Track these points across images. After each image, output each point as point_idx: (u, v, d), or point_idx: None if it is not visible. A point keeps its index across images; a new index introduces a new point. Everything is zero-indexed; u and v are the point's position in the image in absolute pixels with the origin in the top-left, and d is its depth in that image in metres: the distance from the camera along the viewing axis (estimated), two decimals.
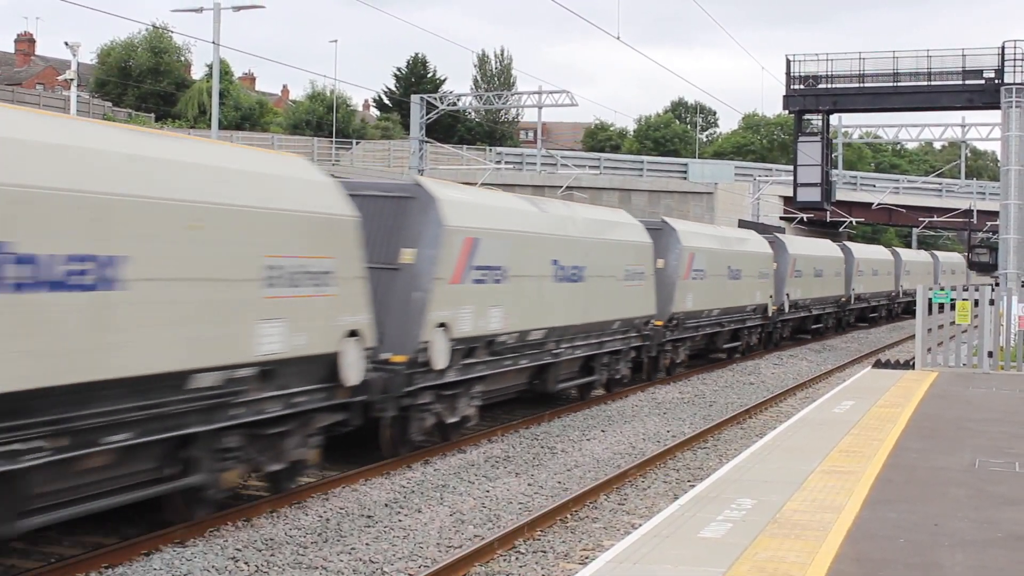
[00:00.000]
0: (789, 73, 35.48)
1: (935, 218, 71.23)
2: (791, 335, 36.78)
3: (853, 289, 43.82)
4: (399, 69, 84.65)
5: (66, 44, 38.39)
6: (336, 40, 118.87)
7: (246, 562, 9.82)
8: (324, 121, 71.89)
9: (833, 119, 49.70)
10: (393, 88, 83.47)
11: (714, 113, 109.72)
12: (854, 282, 43.87)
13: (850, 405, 17.01)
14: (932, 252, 69.75)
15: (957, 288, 23.79)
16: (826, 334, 40.33)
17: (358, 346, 12.37)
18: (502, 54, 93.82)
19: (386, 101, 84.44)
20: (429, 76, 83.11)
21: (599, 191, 55.99)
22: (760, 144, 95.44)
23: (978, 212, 67.36)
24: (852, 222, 68.89)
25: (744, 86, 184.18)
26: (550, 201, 20.87)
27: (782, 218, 65.05)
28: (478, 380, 15.89)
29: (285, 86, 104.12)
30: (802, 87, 35.23)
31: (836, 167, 65.23)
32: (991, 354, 22.73)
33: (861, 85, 34.96)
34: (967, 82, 33.70)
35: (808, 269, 37.29)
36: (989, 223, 62.77)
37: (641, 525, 10.01)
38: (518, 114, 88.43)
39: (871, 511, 9.72)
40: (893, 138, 58.71)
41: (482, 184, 49.43)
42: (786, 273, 34.47)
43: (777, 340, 34.44)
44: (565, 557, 10.52)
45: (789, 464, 11.97)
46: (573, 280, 18.88)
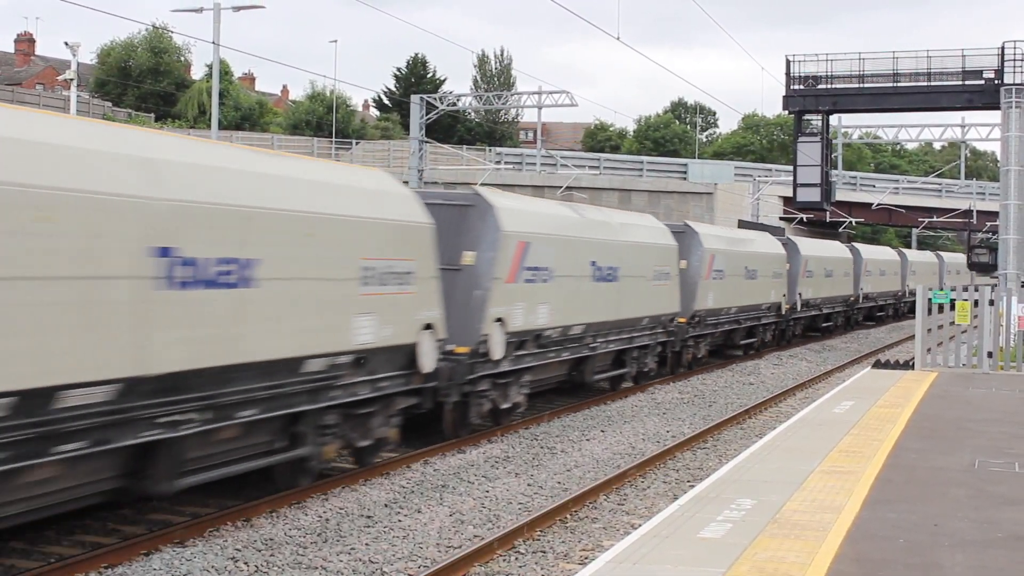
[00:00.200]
0: (789, 73, 35.48)
1: (935, 218, 71.22)
2: (803, 333, 38.16)
3: (861, 289, 45.08)
4: (399, 69, 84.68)
5: (66, 44, 38.39)
6: (336, 40, 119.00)
7: (246, 562, 9.82)
8: (324, 121, 71.89)
9: (833, 119, 49.68)
10: (393, 88, 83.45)
11: (714, 113, 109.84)
12: (862, 282, 45.09)
13: (850, 405, 17.01)
14: (938, 253, 70.42)
15: (957, 288, 23.80)
16: (834, 332, 41.58)
17: (432, 338, 14.12)
18: (502, 54, 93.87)
19: (386, 101, 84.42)
20: (429, 76, 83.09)
21: (599, 191, 55.97)
22: (760, 144, 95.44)
23: (978, 212, 67.36)
24: (852, 222, 68.90)
25: (744, 86, 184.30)
26: (588, 207, 22.63)
27: (782, 218, 65.03)
28: (527, 370, 17.49)
29: (285, 86, 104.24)
30: (802, 87, 35.22)
31: (836, 167, 65.24)
32: (991, 354, 22.74)
33: (861, 85, 34.95)
34: (967, 83, 33.70)
35: (819, 269, 38.63)
36: (989, 223, 62.75)
37: (641, 525, 10.01)
38: (518, 114, 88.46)
39: (871, 511, 9.72)
40: (893, 138, 58.73)
41: (481, 184, 49.46)
42: (798, 273, 35.83)
43: (790, 337, 35.83)
44: (565, 557, 10.52)
45: (789, 464, 11.97)
46: (608, 280, 20.50)
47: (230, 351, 10.43)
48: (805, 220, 65.00)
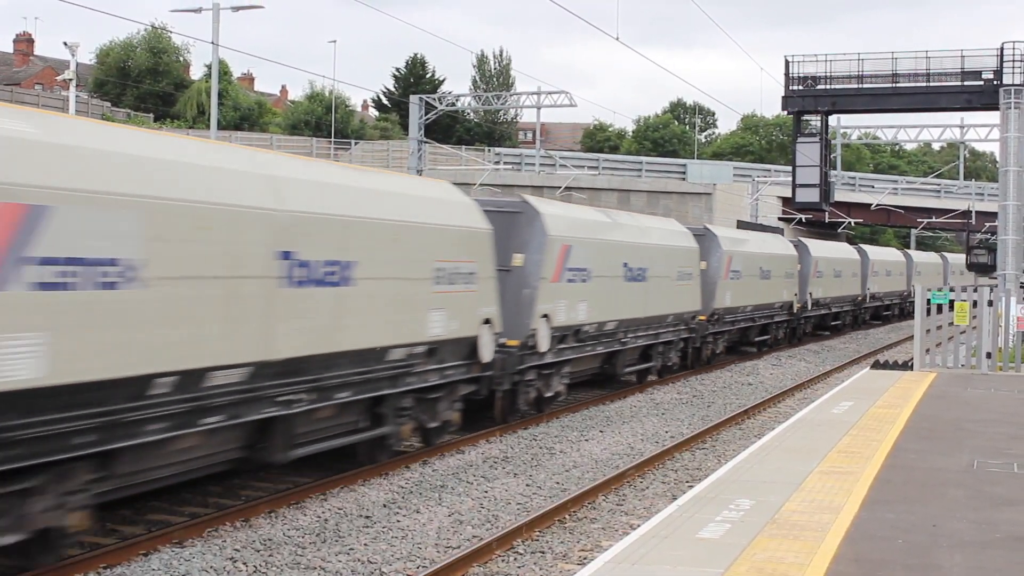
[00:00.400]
0: (788, 74, 35.43)
1: (934, 219, 71.22)
2: (813, 331, 39.87)
3: (868, 288, 46.68)
4: (398, 69, 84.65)
5: (65, 44, 38.41)
6: (335, 40, 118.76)
7: (244, 562, 9.82)
8: (323, 121, 71.87)
9: (832, 120, 49.71)
10: (392, 88, 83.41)
11: (713, 114, 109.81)
12: (869, 282, 46.71)
13: (848, 406, 17.01)
14: (942, 254, 71.05)
15: (956, 289, 23.81)
16: (842, 330, 43.29)
17: (490, 331, 15.81)
18: (501, 55, 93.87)
19: (385, 101, 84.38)
20: (428, 76, 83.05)
21: (598, 191, 55.93)
22: (759, 145, 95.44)
23: (976, 213, 67.31)
24: (850, 223, 68.91)
25: (743, 87, 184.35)
26: (619, 212, 25.03)
27: (781, 219, 65.00)
28: (567, 362, 19.11)
29: (284, 86, 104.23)
30: (801, 88, 35.18)
31: (835, 168, 65.26)
32: (990, 355, 22.74)
33: (860, 86, 34.90)
34: (966, 83, 33.65)
35: (828, 270, 40.28)
36: (988, 224, 62.74)
37: (640, 526, 10.01)
38: (517, 115, 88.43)
39: (869, 512, 9.72)
40: (892, 139, 58.70)
41: (481, 184, 49.46)
42: (809, 274, 37.46)
43: (800, 335, 37.45)
44: (564, 558, 10.52)
45: (787, 465, 11.97)
46: (638, 280, 22.15)
47: (332, 341, 12.12)
48: (804, 220, 65.00)
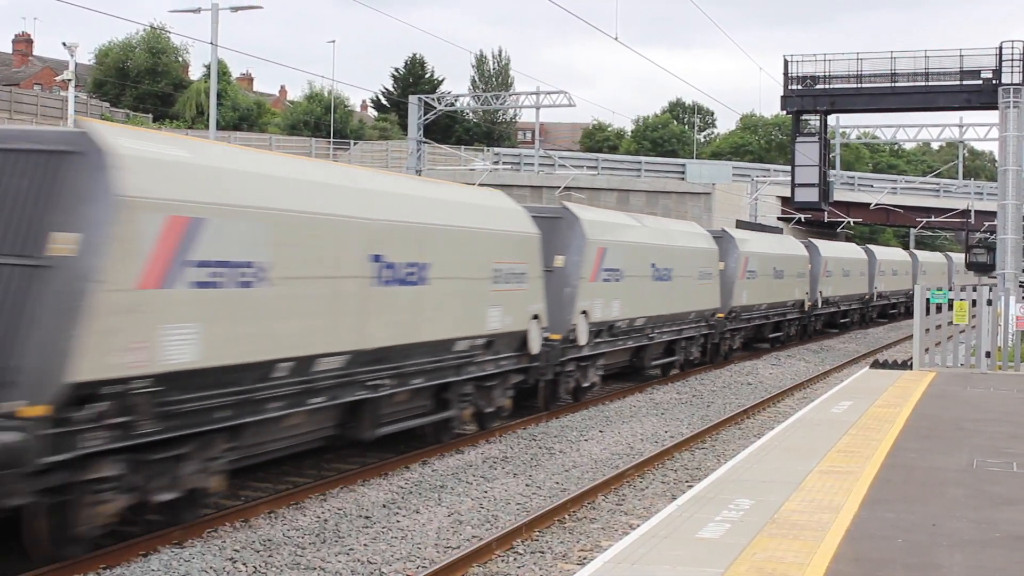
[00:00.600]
0: (787, 74, 35.42)
1: (933, 218, 71.23)
2: (823, 328, 41.29)
3: (876, 287, 48.38)
4: (397, 70, 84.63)
5: (64, 44, 38.38)
6: (334, 41, 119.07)
7: (244, 563, 9.81)
8: (322, 122, 71.86)
9: (831, 119, 49.69)
10: (391, 89, 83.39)
11: (712, 114, 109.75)
12: (876, 281, 48.40)
13: (848, 405, 17.02)
14: (947, 254, 71.56)
15: (955, 288, 23.81)
16: (851, 327, 44.75)
17: (538, 326, 17.50)
18: (500, 55, 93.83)
19: (384, 102, 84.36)
20: (427, 77, 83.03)
21: (597, 191, 55.93)
22: (758, 144, 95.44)
23: (976, 212, 67.30)
24: (850, 222, 68.91)
25: (742, 87, 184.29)
26: (647, 217, 26.67)
27: (780, 218, 65.02)
28: (602, 355, 20.83)
29: (283, 86, 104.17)
30: (800, 87, 35.18)
31: (834, 167, 65.30)
32: (989, 354, 22.75)
33: (859, 85, 34.91)
34: (965, 82, 33.65)
35: (837, 270, 41.82)
36: (987, 223, 62.74)
37: (639, 526, 10.02)
38: (516, 115, 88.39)
39: (869, 511, 9.73)
40: (891, 138, 58.75)
41: (480, 184, 49.41)
42: (819, 273, 38.93)
43: (811, 332, 39.08)
44: (563, 558, 10.52)
45: (787, 464, 11.98)
46: (664, 279, 23.86)
47: (411, 332, 13.79)
48: (803, 220, 65.01)
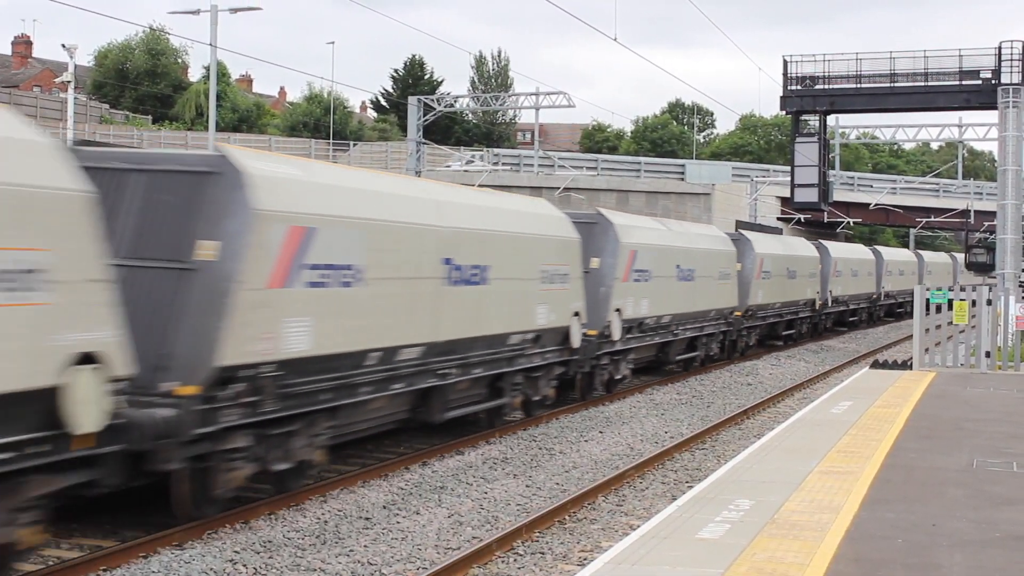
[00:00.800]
0: (786, 74, 35.43)
1: (932, 218, 71.21)
2: (832, 326, 42.93)
3: (883, 287, 49.98)
4: (396, 71, 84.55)
5: (63, 46, 38.37)
6: (333, 42, 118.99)
7: (244, 564, 9.81)
8: (321, 123, 71.85)
9: (830, 120, 49.68)
10: (390, 90, 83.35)
11: (711, 114, 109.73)
12: (884, 281, 50.00)
13: (848, 405, 17.02)
14: (951, 254, 71.84)
15: (955, 288, 23.81)
16: (859, 326, 46.57)
17: (578, 322, 19.06)
18: (499, 55, 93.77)
19: (383, 103, 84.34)
20: (426, 78, 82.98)
21: (596, 192, 55.90)
22: (757, 145, 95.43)
23: (975, 212, 67.27)
24: (849, 222, 68.89)
25: (741, 87, 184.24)
26: (672, 221, 29.06)
27: (779, 219, 64.99)
28: (632, 350, 22.52)
29: (282, 88, 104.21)
30: (799, 88, 35.19)
31: (833, 168, 65.29)
32: (989, 354, 22.74)
33: (858, 86, 34.92)
34: (964, 82, 33.66)
35: (846, 270, 43.35)
36: (986, 223, 62.73)
37: (639, 526, 10.02)
38: (515, 115, 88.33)
39: (869, 511, 9.73)
40: (890, 138, 58.76)
41: (479, 185, 49.41)
42: (829, 273, 40.33)
43: (822, 330, 40.58)
44: (563, 558, 10.52)
45: (787, 465, 11.98)
46: (688, 279, 25.54)
47: (474, 327, 15.45)
48: (803, 220, 64.99)
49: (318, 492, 12.55)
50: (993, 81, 32.55)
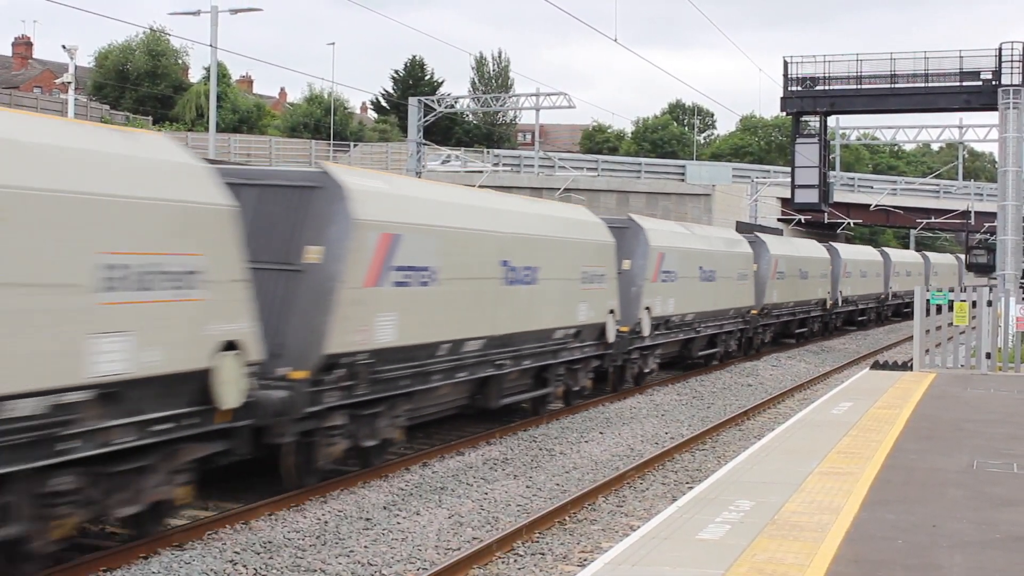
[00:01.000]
0: (786, 75, 35.43)
1: (933, 219, 71.28)
2: (842, 325, 44.24)
3: (890, 287, 51.32)
4: (396, 72, 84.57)
5: (63, 47, 38.35)
6: (333, 43, 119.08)
7: (244, 565, 9.81)
8: (322, 124, 71.85)
9: (831, 120, 49.66)
10: (391, 91, 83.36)
11: (712, 115, 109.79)
12: (891, 281, 51.41)
13: (848, 406, 17.02)
14: (957, 256, 71.81)
15: (955, 289, 23.82)
16: (867, 325, 47.80)
17: (613, 319, 20.51)
18: (499, 56, 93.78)
19: (383, 104, 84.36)
20: (427, 78, 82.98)
21: (597, 193, 55.94)
22: (758, 146, 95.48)
23: (976, 213, 67.35)
24: (850, 223, 68.93)
25: (741, 88, 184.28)
26: (694, 225, 30.91)
27: (780, 220, 65.05)
28: (659, 345, 23.88)
29: (283, 89, 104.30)
30: (799, 89, 35.19)
31: (834, 168, 65.26)
32: (989, 355, 22.74)
33: (859, 87, 34.92)
34: (964, 84, 33.66)
35: (856, 271, 44.75)
36: (987, 224, 62.75)
37: (640, 527, 10.02)
38: (516, 116, 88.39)
39: (869, 512, 9.73)
40: (891, 139, 58.73)
41: (480, 185, 49.40)
42: (839, 274, 41.66)
43: (832, 328, 41.82)
44: (564, 559, 10.52)
45: (787, 465, 11.98)
46: (709, 280, 26.97)
47: (526, 322, 16.98)
48: (803, 221, 65.02)
49: (318, 493, 12.55)
50: (993, 82, 32.55)
